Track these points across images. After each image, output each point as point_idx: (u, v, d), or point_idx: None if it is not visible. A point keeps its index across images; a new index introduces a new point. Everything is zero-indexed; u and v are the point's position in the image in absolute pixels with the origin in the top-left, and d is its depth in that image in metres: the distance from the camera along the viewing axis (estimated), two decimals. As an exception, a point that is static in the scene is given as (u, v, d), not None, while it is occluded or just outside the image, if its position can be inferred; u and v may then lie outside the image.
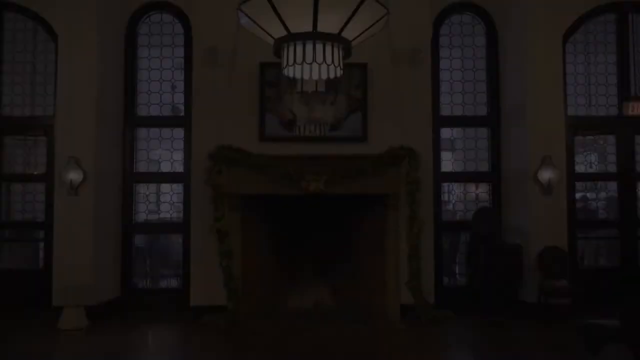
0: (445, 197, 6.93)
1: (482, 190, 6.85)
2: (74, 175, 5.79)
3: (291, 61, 3.90)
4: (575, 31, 6.58)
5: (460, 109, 6.81)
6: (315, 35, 3.87)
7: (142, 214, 6.58)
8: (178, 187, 6.63)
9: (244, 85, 5.86)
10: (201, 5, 6.09)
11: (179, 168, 6.59)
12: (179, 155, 6.61)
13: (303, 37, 3.87)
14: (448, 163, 6.79)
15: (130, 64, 6.60)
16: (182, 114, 6.56)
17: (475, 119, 6.76)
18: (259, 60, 5.80)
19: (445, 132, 6.76)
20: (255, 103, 5.83)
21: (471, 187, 6.91)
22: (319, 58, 3.85)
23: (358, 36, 4.03)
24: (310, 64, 3.91)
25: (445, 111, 6.75)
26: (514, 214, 6.30)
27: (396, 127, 5.85)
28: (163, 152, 6.65)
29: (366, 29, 4.03)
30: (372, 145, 5.78)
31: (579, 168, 6.60)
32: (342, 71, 4.10)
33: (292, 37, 3.88)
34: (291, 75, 4.12)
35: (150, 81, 6.69)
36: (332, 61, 3.92)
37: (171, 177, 6.60)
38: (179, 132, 6.58)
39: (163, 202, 6.70)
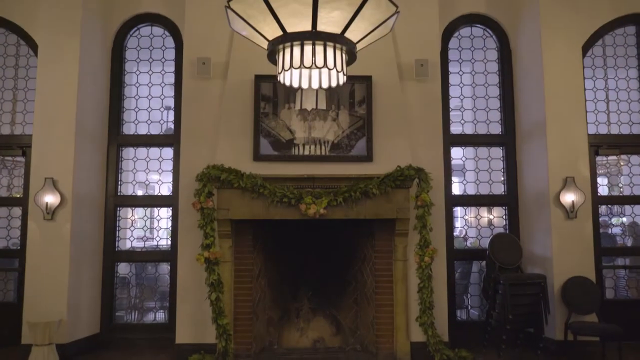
0: (456, 222, 6.38)
1: (496, 215, 6.30)
2: (50, 199, 5.26)
3: (287, 65, 3.41)
4: (593, 45, 6.15)
5: (471, 127, 6.32)
6: (314, 35, 3.40)
7: (126, 240, 6.02)
8: (166, 212, 6.10)
9: (237, 100, 5.37)
10: (193, 16, 5.65)
11: (168, 191, 6.06)
12: (167, 177, 6.09)
13: (301, 37, 3.40)
14: (459, 185, 6.26)
15: (117, 79, 6.14)
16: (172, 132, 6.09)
17: (489, 137, 6.26)
18: (253, 73, 5.33)
19: (456, 152, 6.25)
20: (249, 119, 5.33)
21: (484, 212, 6.37)
22: (319, 61, 3.36)
23: (363, 38, 3.55)
24: (309, 68, 3.42)
25: (455, 129, 6.27)
26: (533, 240, 5.73)
27: (403, 146, 5.34)
28: (150, 173, 6.13)
29: (373, 30, 3.55)
30: (378, 165, 5.25)
31: (602, 190, 6.09)
32: (345, 78, 3.62)
33: (289, 38, 3.41)
34: (287, 82, 3.64)
35: (138, 97, 6.23)
36: (334, 65, 3.43)
37: (159, 201, 6.07)
38: (168, 152, 6.08)
39: (150, 228, 6.16)
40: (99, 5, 5.93)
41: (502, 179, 6.21)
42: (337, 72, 3.55)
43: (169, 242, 5.99)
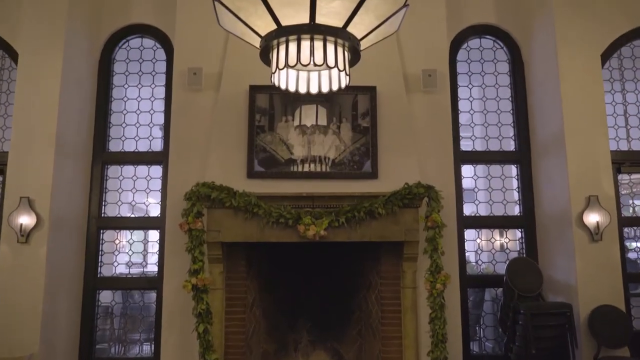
0: (467, 245, 5.88)
1: (511, 238, 5.81)
2: (25, 220, 4.79)
3: (282, 63, 2.99)
4: (610, 56, 5.77)
5: (483, 144, 5.89)
6: (313, 29, 2.98)
7: (109, 266, 5.53)
8: (154, 235, 5.63)
9: (230, 112, 4.97)
10: (184, 24, 5.31)
11: (156, 212, 5.61)
12: (155, 197, 5.64)
13: (297, 30, 2.98)
14: (471, 206, 5.79)
15: (104, 93, 5.76)
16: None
17: (502, 154, 5.83)
18: (248, 83, 4.94)
19: (467, 170, 5.80)
20: (243, 133, 4.91)
21: (498, 234, 5.88)
22: (319, 59, 2.94)
23: (368, 34, 3.14)
24: (307, 65, 3.00)
25: (466, 146, 5.84)
26: (554, 265, 5.23)
27: (411, 162, 4.90)
28: (138, 193, 5.68)
29: (379, 25, 3.13)
30: (383, 183, 4.81)
31: (626, 211, 5.63)
32: (348, 79, 3.20)
33: (284, 32, 2.99)
34: (283, 84, 3.22)
35: (126, 112, 5.82)
36: (336, 64, 3.01)
37: (146, 223, 5.61)
38: (157, 171, 5.65)
39: (136, 253, 5.67)
40: (86, 15, 5.59)
41: (517, 198, 5.75)
42: (339, 71, 3.13)
43: (156, 268, 5.50)
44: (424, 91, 5.19)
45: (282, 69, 3.13)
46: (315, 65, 3.11)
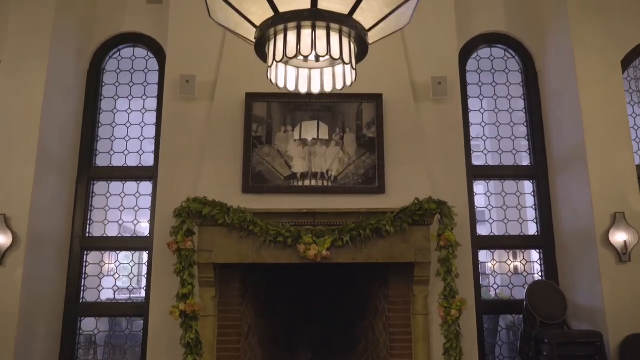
0: (480, 268, 5.45)
1: (529, 259, 5.38)
2: (0, 239, 4.39)
3: (279, 55, 2.62)
4: (629, 66, 5.43)
5: (496, 158, 5.51)
6: (315, 15, 2.62)
7: (93, 290, 5.08)
8: (142, 256, 5.21)
9: (225, 122, 4.60)
10: (177, 29, 4.99)
11: (145, 232, 5.20)
12: (145, 216, 5.24)
13: (297, 17, 2.62)
14: (485, 225, 5.38)
15: (92, 104, 5.41)
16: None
17: (516, 169, 5.45)
18: (244, 91, 4.59)
19: (480, 187, 5.41)
20: (238, 144, 4.53)
21: (515, 255, 5.46)
22: (321, 48, 2.57)
23: (377, 24, 2.80)
24: (308, 57, 2.63)
25: (478, 160, 5.46)
26: (578, 289, 4.79)
27: (421, 175, 4.51)
28: (126, 211, 5.28)
29: (390, 13, 2.78)
30: (391, 198, 4.41)
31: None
32: (355, 75, 2.84)
33: (281, 19, 2.63)
34: (281, 82, 2.84)
35: (115, 125, 5.47)
36: (341, 56, 2.64)
37: (133, 243, 5.19)
38: (147, 187, 5.26)
39: (122, 276, 5.24)
40: (75, 22, 5.28)
41: (534, 217, 5.34)
42: (344, 64, 2.76)
43: (144, 293, 5.06)
44: (433, 100, 4.84)
45: (280, 61, 2.76)
46: (317, 56, 2.75)
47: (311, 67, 3.14)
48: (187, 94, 4.70)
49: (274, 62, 2.85)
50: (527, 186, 5.44)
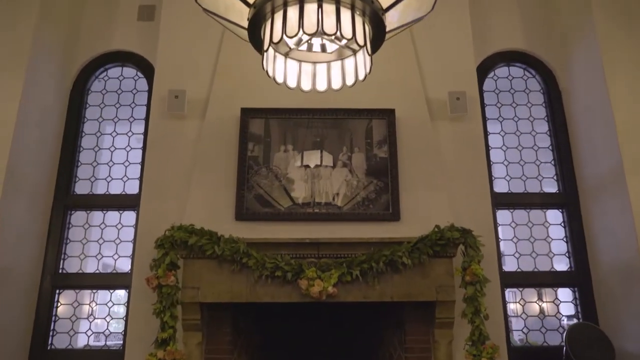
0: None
1: (563, 299, 4.73)
2: (-44, 275, 3.80)
3: (277, 35, 2.12)
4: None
5: (520, 185, 4.95)
6: (320, -14, 2.07)
7: (64, 335, 4.43)
8: (121, 296, 4.59)
9: (217, 141, 4.09)
10: (167, 43, 4.57)
11: (126, 267, 4.59)
12: (127, 250, 4.64)
13: (299, -11, 2.05)
14: (510, 259, 4.75)
15: (73, 127, 4.91)
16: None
17: (543, 197, 4.86)
18: (239, 106, 4.09)
19: (504, 216, 4.83)
20: (231, 165, 4.00)
21: (545, 294, 4.81)
22: (329, 26, 2.08)
23: (396, 3, 2.35)
24: (312, 35, 2.13)
25: (499, 187, 4.90)
26: (624, 333, 4.12)
27: (440, 201, 3.96)
28: (105, 244, 4.69)
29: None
30: (407, 226, 3.83)
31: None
32: (370, 64, 2.35)
33: (280, -8, 2.08)
34: (279, 77, 2.39)
35: (97, 150, 4.96)
36: (354, 37, 2.14)
37: (112, 281, 4.55)
38: (130, 217, 4.69)
39: (98, 318, 4.59)
40: (58, 38, 4.86)
41: (566, 250, 4.73)
42: (359, 46, 2.27)
43: (122, 337, 4.41)
44: (451, 117, 4.34)
45: (279, 42, 2.28)
46: (323, 34, 2.26)
47: (316, 61, 2.64)
48: (175, 110, 4.21)
49: (271, 46, 2.36)
50: (556, 216, 4.86)
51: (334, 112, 4.06)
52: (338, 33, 2.12)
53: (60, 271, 4.52)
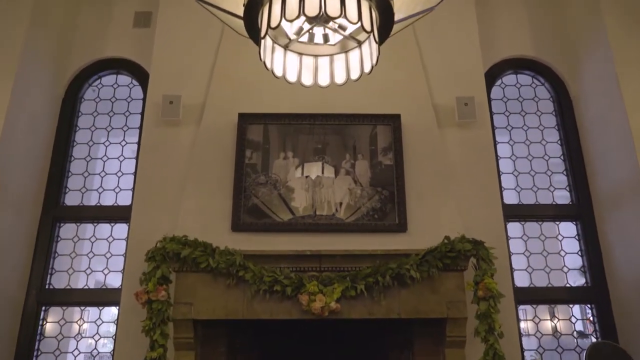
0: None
1: (579, 317, 4.47)
2: None
3: (276, 20, 1.92)
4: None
5: (531, 196, 4.72)
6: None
7: (48, 356, 4.16)
8: (111, 313, 4.34)
9: (213, 148, 3.89)
10: (163, 50, 4.40)
11: (117, 282, 4.34)
12: (118, 264, 4.40)
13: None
14: (523, 274, 4.50)
15: (64, 136, 4.72)
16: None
17: (556, 208, 4.64)
18: (236, 111, 3.90)
19: (515, 229, 4.60)
20: (228, 174, 3.79)
21: (560, 311, 4.54)
22: (333, 8, 1.86)
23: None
24: (315, 18, 1.92)
25: (510, 198, 4.67)
26: (646, 353, 3.87)
27: (449, 211, 3.74)
28: (96, 259, 4.45)
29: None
30: (414, 237, 3.60)
31: None
32: (377, 55, 2.14)
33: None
34: (278, 70, 2.20)
35: (89, 159, 4.75)
36: (360, 21, 1.93)
37: (102, 297, 4.30)
38: (122, 230, 4.46)
39: (86, 337, 4.32)
40: (50, 44, 4.70)
41: (582, 265, 4.49)
42: (366, 32, 2.08)
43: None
44: (459, 124, 4.14)
45: (276, 27, 2.08)
46: (327, 18, 2.07)
47: (318, 55, 2.44)
48: (170, 116, 4.01)
49: (269, 35, 2.16)
50: (570, 228, 4.62)
51: (337, 117, 3.87)
52: (342, 17, 1.94)
53: (46, 287, 4.27)
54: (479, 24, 4.75)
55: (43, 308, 4.23)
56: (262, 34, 2.01)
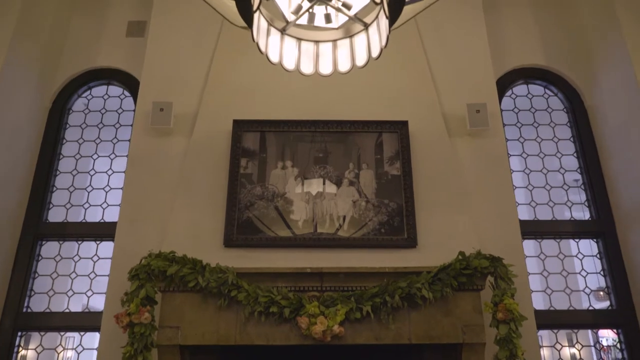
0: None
1: (605, 342, 4.11)
2: None
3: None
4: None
5: (547, 212, 4.41)
6: None
7: (23, 387, 3.80)
8: (94, 339, 3.97)
9: (206, 158, 3.61)
10: (155, 57, 4.16)
11: (100, 305, 3.99)
12: (102, 285, 4.06)
13: None
14: (542, 296, 4.16)
15: (50, 148, 4.45)
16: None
17: (574, 225, 4.31)
18: (231, 118, 3.62)
19: (530, 247, 4.27)
20: (221, 184, 3.49)
21: (581, 336, 4.18)
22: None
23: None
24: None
25: (524, 214, 4.36)
26: (683, 384, 3.50)
27: (463, 225, 3.42)
28: (78, 279, 4.12)
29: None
30: (425, 253, 3.28)
31: None
32: (388, 34, 1.83)
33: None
34: (274, 56, 1.95)
35: (76, 173, 4.47)
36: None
37: (84, 321, 3.95)
38: (108, 248, 4.14)
39: (65, 366, 3.96)
40: (37, 52, 4.46)
41: (605, 285, 4.15)
42: (376, 3, 1.82)
43: (92, 390, 3.77)
44: (471, 132, 3.86)
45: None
46: (327, 15, 1.78)
47: (319, 40, 2.19)
48: (160, 124, 3.73)
49: (264, 16, 1.89)
50: (590, 246, 4.30)
51: (339, 124, 3.60)
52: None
53: (24, 310, 3.93)
54: (487, 32, 4.53)
55: (19, 333, 3.88)
56: (255, 6, 1.74)
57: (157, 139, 3.81)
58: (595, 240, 4.29)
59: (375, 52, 2.01)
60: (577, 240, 4.31)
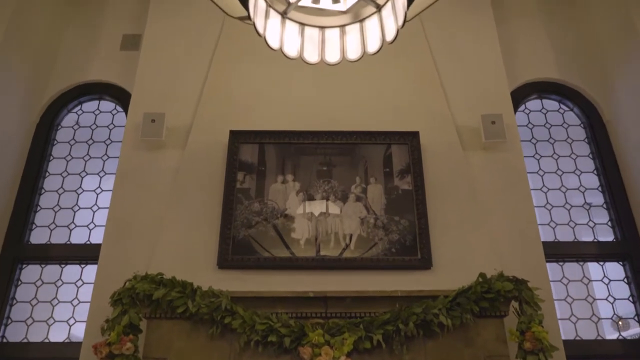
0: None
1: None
2: None
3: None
4: None
5: (568, 233, 4.10)
6: None
7: None
8: (75, 372, 3.61)
9: (200, 172, 3.33)
10: (148, 69, 3.94)
11: (83, 334, 3.64)
12: (86, 312, 3.72)
13: None
14: (567, 324, 3.80)
15: (35, 166, 4.18)
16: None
17: (598, 246, 4.00)
18: (228, 129, 3.36)
19: (552, 270, 3.94)
20: (216, 200, 3.20)
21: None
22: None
23: None
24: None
25: (544, 235, 4.04)
26: None
27: (482, 245, 3.11)
28: (60, 306, 3.78)
29: None
30: (442, 276, 2.97)
31: None
32: (404, 15, 1.50)
33: None
34: (274, 42, 1.64)
35: (62, 192, 4.18)
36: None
37: (64, 352, 3.59)
38: (93, 272, 3.81)
39: (42, 403, 3.58)
40: (25, 66, 4.25)
41: (635, 312, 3.80)
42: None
43: None
44: (486, 145, 3.58)
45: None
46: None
47: (324, 26, 1.93)
48: (151, 136, 3.47)
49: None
50: (617, 270, 3.97)
51: (344, 135, 3.33)
52: None
53: (2, 341, 3.58)
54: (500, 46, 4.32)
55: (-6, 367, 3.53)
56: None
57: (148, 152, 3.53)
58: (621, 263, 3.96)
59: (390, 36, 1.75)
60: (602, 263, 3.99)
